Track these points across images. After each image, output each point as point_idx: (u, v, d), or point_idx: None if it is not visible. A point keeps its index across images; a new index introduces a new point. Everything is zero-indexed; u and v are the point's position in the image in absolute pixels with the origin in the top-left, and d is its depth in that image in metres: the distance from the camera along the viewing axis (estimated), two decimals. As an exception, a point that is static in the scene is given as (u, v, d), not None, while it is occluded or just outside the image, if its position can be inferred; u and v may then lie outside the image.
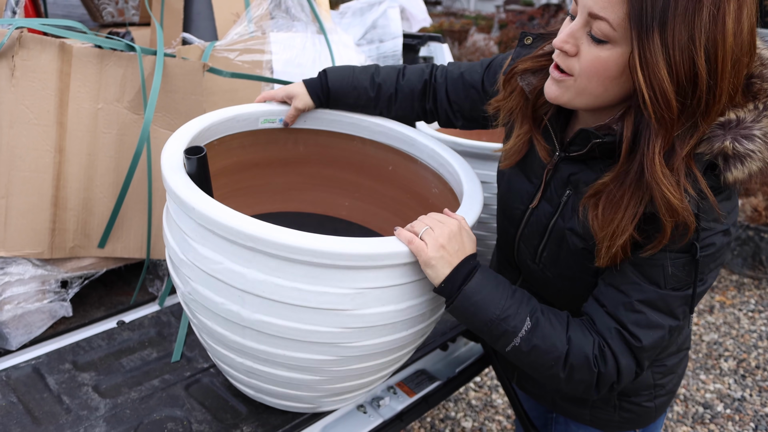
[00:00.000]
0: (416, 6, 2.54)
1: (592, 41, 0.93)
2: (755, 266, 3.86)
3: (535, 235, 1.17)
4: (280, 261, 1.03)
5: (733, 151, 0.92)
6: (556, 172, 1.12)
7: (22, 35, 1.53)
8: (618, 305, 1.02)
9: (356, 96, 1.42)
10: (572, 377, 1.04)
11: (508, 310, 1.03)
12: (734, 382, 2.99)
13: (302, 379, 1.19)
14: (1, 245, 1.56)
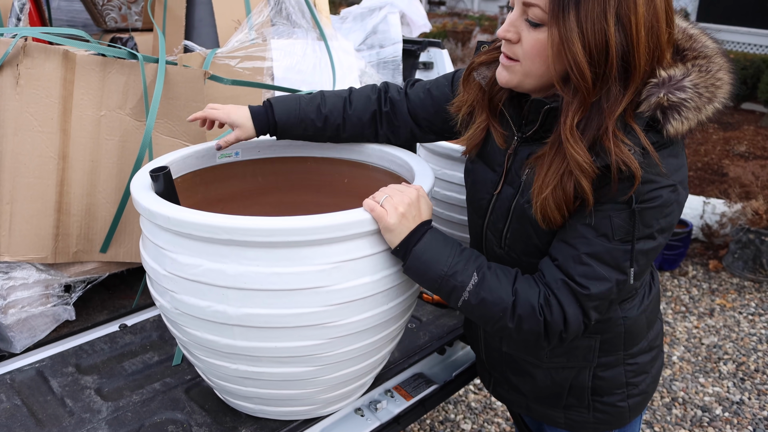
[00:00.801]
0: (416, 11, 2.56)
1: (530, 26, 1.04)
2: (756, 269, 3.87)
3: (499, 219, 1.22)
4: (256, 249, 1.10)
5: (668, 102, 1.02)
6: (516, 156, 1.19)
7: (26, 44, 1.56)
8: (567, 258, 1.08)
9: (303, 128, 1.41)
10: (521, 327, 1.10)
11: (456, 266, 1.11)
12: (733, 385, 3.00)
13: (297, 373, 1.22)
14: (6, 250, 1.59)
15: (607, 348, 1.25)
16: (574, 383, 1.28)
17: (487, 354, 1.41)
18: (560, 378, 1.28)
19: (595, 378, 1.27)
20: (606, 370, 1.27)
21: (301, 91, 1.97)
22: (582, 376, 1.27)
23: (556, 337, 1.11)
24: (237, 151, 1.55)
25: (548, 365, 1.28)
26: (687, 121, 1.02)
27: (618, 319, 1.23)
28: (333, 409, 1.42)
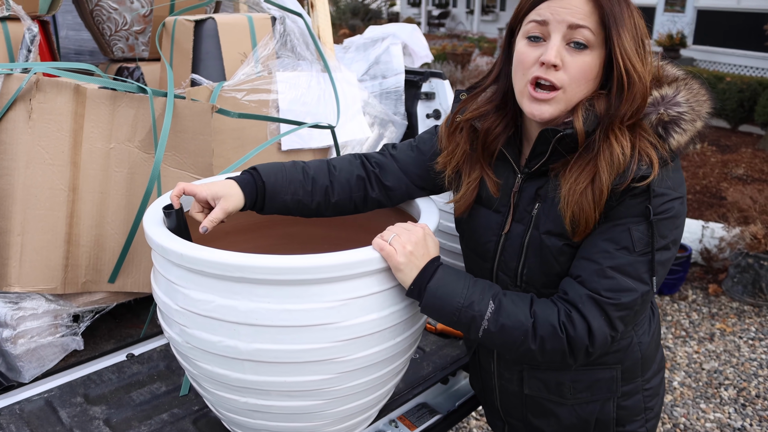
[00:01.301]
0: (418, 42, 2.61)
1: (574, 50, 1.08)
2: (755, 293, 3.89)
3: (512, 258, 1.23)
4: (267, 286, 1.12)
5: (668, 117, 1.10)
6: (522, 193, 1.22)
7: (39, 80, 1.60)
8: (591, 273, 1.11)
9: (293, 191, 1.31)
10: (544, 348, 1.11)
11: (472, 296, 1.13)
12: (734, 411, 3.01)
13: (306, 406, 1.24)
14: (16, 281, 1.61)
15: (628, 376, 1.28)
16: (599, 416, 1.29)
17: (503, 400, 1.40)
18: (585, 413, 1.29)
19: (619, 408, 1.29)
20: (627, 399, 1.29)
21: (305, 123, 2.01)
22: (607, 407, 1.29)
23: (583, 353, 1.12)
24: None
25: (573, 401, 1.29)
26: (685, 132, 1.10)
27: (635, 346, 1.26)
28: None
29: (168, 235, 1.21)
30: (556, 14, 1.07)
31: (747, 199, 4.00)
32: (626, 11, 1.07)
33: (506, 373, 1.35)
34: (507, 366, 1.34)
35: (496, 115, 1.22)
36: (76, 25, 2.72)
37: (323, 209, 1.36)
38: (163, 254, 1.20)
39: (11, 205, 1.60)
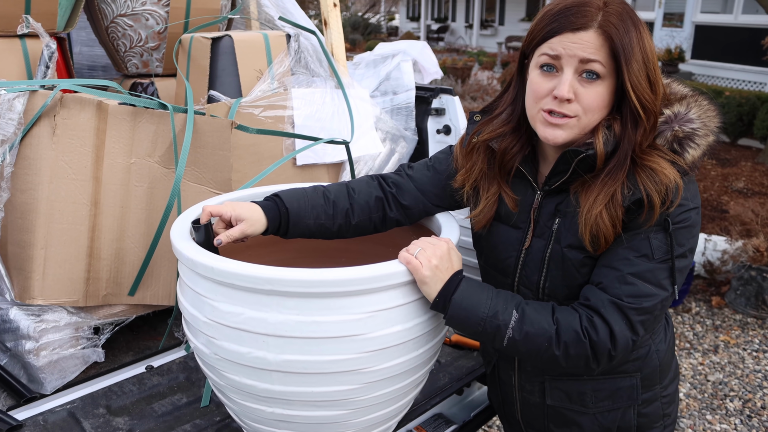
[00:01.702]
0: (428, 59, 2.65)
1: (586, 81, 1.12)
2: (758, 306, 3.92)
3: (533, 273, 1.26)
4: (297, 299, 1.15)
5: (682, 133, 1.15)
6: (542, 209, 1.25)
7: (63, 96, 1.63)
8: (612, 280, 1.14)
9: (316, 215, 1.35)
10: (568, 353, 1.14)
11: (496, 307, 1.16)
12: (740, 422, 3.03)
13: (331, 416, 1.27)
14: (40, 294, 1.64)
15: (647, 384, 1.30)
16: (621, 424, 1.31)
17: (524, 413, 1.42)
18: (608, 421, 1.31)
19: (639, 416, 1.32)
20: (647, 406, 1.32)
21: (321, 139, 2.04)
22: (628, 415, 1.31)
23: (605, 357, 1.14)
24: None
25: (595, 410, 1.31)
26: (699, 147, 1.15)
27: (653, 354, 1.29)
28: None
29: (197, 248, 1.24)
30: (568, 49, 1.11)
31: (749, 213, 4.04)
32: (635, 37, 1.11)
33: (527, 385, 1.37)
34: (528, 378, 1.37)
35: (512, 136, 1.26)
36: (90, 41, 2.76)
37: (344, 231, 1.40)
38: (192, 267, 1.23)
39: (35, 219, 1.63)
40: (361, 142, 2.24)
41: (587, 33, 1.10)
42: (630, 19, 1.12)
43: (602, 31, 1.09)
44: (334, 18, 2.31)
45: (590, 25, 1.10)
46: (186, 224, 1.36)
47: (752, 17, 10.24)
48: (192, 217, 1.37)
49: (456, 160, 1.37)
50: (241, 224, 1.28)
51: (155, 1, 2.35)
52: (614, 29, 1.09)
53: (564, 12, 1.12)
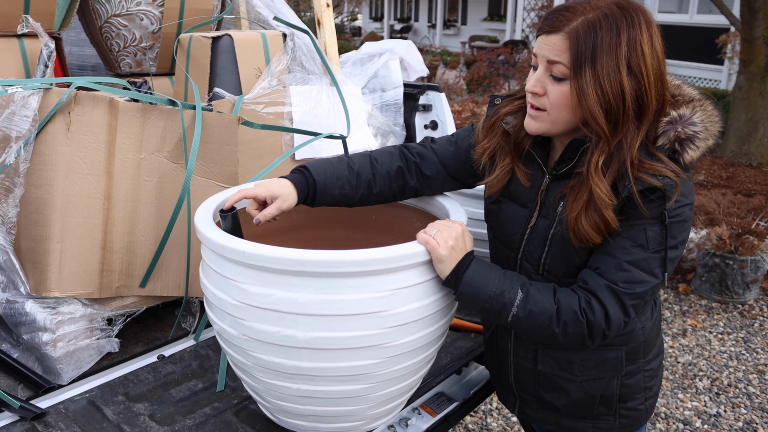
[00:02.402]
0: (414, 57, 2.75)
1: (554, 81, 1.22)
2: (722, 291, 4.13)
3: (536, 249, 1.37)
4: (326, 279, 1.24)
5: (684, 135, 1.23)
6: (549, 192, 1.36)
7: (77, 94, 1.68)
8: (609, 266, 1.25)
9: (340, 186, 1.45)
10: (566, 331, 1.25)
11: (503, 286, 1.27)
12: (709, 399, 3.21)
13: (354, 390, 1.36)
14: (56, 286, 1.69)
15: (631, 357, 1.42)
16: (604, 393, 1.44)
17: (517, 377, 1.54)
18: (592, 389, 1.43)
19: (622, 386, 1.44)
20: (630, 378, 1.44)
21: (320, 134, 2.13)
22: (611, 385, 1.43)
23: (600, 336, 1.26)
24: None
25: (581, 378, 1.43)
26: (698, 149, 1.24)
27: (639, 330, 1.41)
28: (376, 425, 1.55)
29: (225, 234, 1.32)
30: (540, 50, 1.23)
31: (712, 203, 4.24)
32: (609, 41, 1.15)
33: (522, 352, 1.49)
34: (523, 345, 1.48)
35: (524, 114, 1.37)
36: (80, 41, 2.78)
37: (365, 200, 1.51)
38: (221, 252, 1.30)
39: (51, 213, 1.68)
40: (355, 137, 2.33)
41: (555, 37, 1.20)
42: (612, 25, 1.16)
43: (568, 36, 1.18)
44: (327, 18, 2.40)
45: (559, 30, 1.19)
46: (208, 212, 1.42)
47: (707, 17, 10.62)
48: (214, 205, 1.44)
49: (477, 136, 1.48)
50: (276, 202, 1.37)
51: (150, 1, 2.40)
52: (579, 35, 1.16)
53: (549, 15, 1.23)
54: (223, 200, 1.53)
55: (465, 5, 21.08)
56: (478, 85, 9.15)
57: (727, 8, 6.96)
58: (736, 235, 4.01)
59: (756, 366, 3.51)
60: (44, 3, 2.16)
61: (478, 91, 9.68)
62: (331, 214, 1.79)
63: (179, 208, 1.80)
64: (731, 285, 4.07)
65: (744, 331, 3.86)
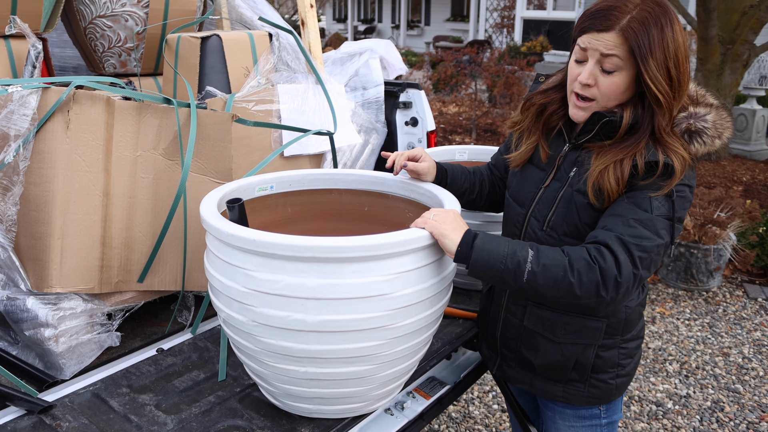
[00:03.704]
0: (393, 56, 2.83)
1: (604, 73, 1.39)
2: (687, 279, 4.30)
3: (545, 207, 1.53)
4: (334, 264, 1.30)
5: (694, 128, 1.40)
6: (565, 158, 1.53)
7: (75, 93, 1.71)
8: (617, 223, 1.36)
9: (463, 180, 1.78)
10: (582, 280, 1.31)
11: (514, 247, 1.36)
12: (679, 382, 3.36)
13: (359, 371, 1.43)
14: (57, 282, 1.72)
15: (610, 331, 1.54)
16: (580, 359, 1.55)
17: (503, 332, 1.68)
18: (569, 353, 1.55)
19: (596, 357, 1.55)
20: (605, 351, 1.56)
21: (310, 130, 2.19)
22: (587, 353, 1.55)
23: (613, 284, 1.31)
24: (272, 185, 1.74)
25: (561, 340, 1.55)
26: (704, 145, 1.40)
27: (622, 308, 1.52)
28: (377, 406, 1.62)
29: (234, 225, 1.37)
30: (592, 45, 1.38)
31: (676, 195, 4.40)
32: (657, 37, 1.34)
33: (512, 307, 1.63)
34: (515, 301, 1.62)
35: (560, 102, 1.56)
36: (61, 42, 2.79)
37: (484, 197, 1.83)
38: (231, 242, 1.35)
39: (51, 210, 1.71)
40: (340, 133, 2.39)
41: (609, 34, 1.35)
42: (657, 22, 1.34)
43: (622, 33, 1.34)
44: (311, 18, 2.45)
45: (613, 27, 1.35)
46: (213, 204, 1.48)
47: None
48: (218, 197, 1.49)
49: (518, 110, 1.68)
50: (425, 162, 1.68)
51: (134, 3, 2.43)
52: (633, 33, 1.33)
53: (596, 14, 1.38)
54: (226, 193, 1.58)
55: (428, 6, 21.26)
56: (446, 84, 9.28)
57: (683, 8, 7.20)
58: (699, 225, 4.19)
59: (721, 349, 3.68)
60: (31, 4, 2.17)
61: (445, 91, 9.80)
62: (323, 207, 1.85)
63: (176, 203, 1.84)
64: (696, 273, 4.25)
65: (709, 317, 4.03)
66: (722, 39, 7.04)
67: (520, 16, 14.63)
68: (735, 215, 4.32)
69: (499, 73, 8.66)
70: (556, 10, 13.86)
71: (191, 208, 1.92)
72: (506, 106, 8.83)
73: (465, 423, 3.06)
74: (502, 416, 3.09)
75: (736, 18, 7.02)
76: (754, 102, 7.94)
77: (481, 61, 8.80)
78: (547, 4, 14.02)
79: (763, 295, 4.29)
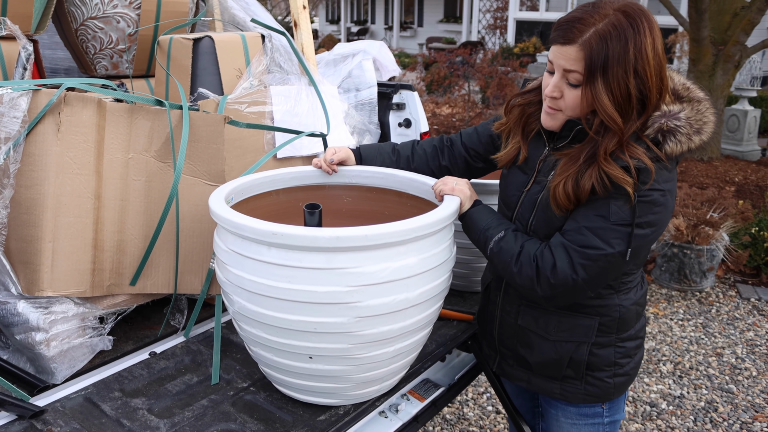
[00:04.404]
0: (386, 57, 2.83)
1: (570, 87, 1.39)
2: (681, 280, 4.31)
3: (527, 210, 1.55)
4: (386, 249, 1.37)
5: (666, 127, 1.37)
6: (545, 162, 1.54)
7: (66, 95, 1.70)
8: (570, 229, 1.42)
9: (381, 160, 1.85)
10: (521, 271, 1.46)
11: (491, 224, 1.55)
12: (673, 382, 3.36)
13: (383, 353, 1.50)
14: (49, 286, 1.70)
15: (604, 330, 1.55)
16: (574, 356, 1.57)
17: (500, 331, 1.71)
18: (563, 350, 1.57)
19: (591, 354, 1.56)
20: (600, 349, 1.56)
21: (303, 132, 2.18)
22: (581, 350, 1.56)
23: (546, 282, 1.43)
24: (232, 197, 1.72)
25: (554, 338, 1.57)
26: (680, 144, 1.37)
27: (615, 306, 1.53)
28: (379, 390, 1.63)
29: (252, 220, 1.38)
30: (556, 59, 1.39)
31: (669, 195, 4.42)
32: (617, 51, 1.30)
33: (507, 306, 1.67)
34: (510, 300, 1.66)
35: (537, 105, 1.57)
36: (52, 44, 2.77)
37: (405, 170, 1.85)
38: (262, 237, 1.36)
39: (42, 213, 1.69)
40: (333, 135, 2.39)
41: (571, 48, 1.34)
42: (621, 35, 1.30)
43: (581, 48, 1.33)
44: (303, 19, 2.45)
45: (574, 41, 1.33)
46: (221, 198, 1.52)
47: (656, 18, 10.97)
48: (225, 194, 1.55)
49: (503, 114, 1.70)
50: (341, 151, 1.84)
51: (126, 4, 2.42)
52: (589, 48, 1.31)
53: (561, 26, 1.37)
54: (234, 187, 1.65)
55: (421, 7, 21.29)
56: (439, 86, 9.28)
57: (675, 9, 7.23)
58: (692, 226, 4.20)
59: (714, 349, 3.69)
60: (21, 5, 2.16)
61: (438, 92, 9.81)
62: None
63: (169, 206, 1.83)
64: (689, 274, 4.26)
65: (702, 317, 4.04)
66: (714, 40, 7.08)
67: (513, 17, 14.66)
68: (727, 216, 4.33)
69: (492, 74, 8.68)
70: (548, 11, 13.89)
71: (184, 210, 1.91)
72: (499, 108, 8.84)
73: (460, 425, 3.05)
74: (497, 418, 3.09)
75: (727, 19, 7.06)
76: (745, 103, 7.97)
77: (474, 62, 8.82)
78: (540, 5, 14.06)
79: (756, 296, 4.31)
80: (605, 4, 1.35)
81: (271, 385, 1.69)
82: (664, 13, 9.44)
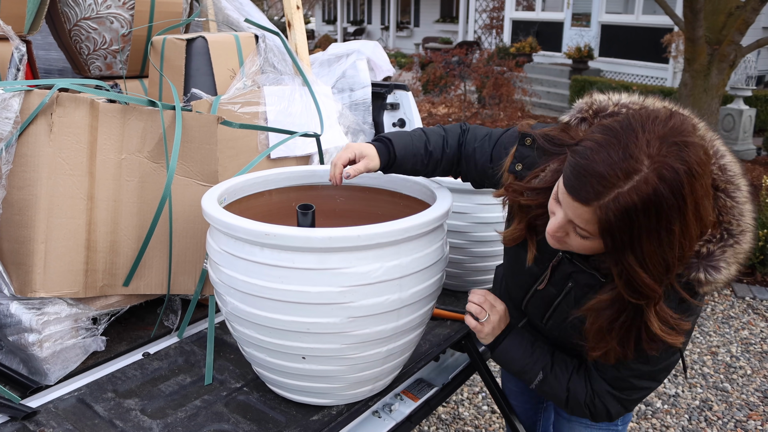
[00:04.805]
0: (380, 57, 2.83)
1: (577, 234, 1.15)
2: (675, 278, 4.31)
3: (540, 307, 1.47)
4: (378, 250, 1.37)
5: (705, 280, 1.16)
6: (560, 265, 1.36)
7: (59, 95, 1.70)
8: (614, 378, 1.35)
9: (413, 162, 1.55)
10: (574, 412, 1.46)
11: (526, 366, 1.47)
12: (668, 381, 3.37)
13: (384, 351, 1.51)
14: (42, 287, 1.70)
15: None
16: None
17: None
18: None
19: None
20: None
21: (296, 132, 2.18)
22: None
23: (603, 421, 1.45)
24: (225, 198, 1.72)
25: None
26: (716, 283, 1.16)
27: None
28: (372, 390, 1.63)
29: (245, 220, 1.38)
30: (566, 207, 1.13)
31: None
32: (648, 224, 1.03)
33: None
34: None
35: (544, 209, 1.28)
36: (46, 44, 2.77)
37: (430, 175, 1.62)
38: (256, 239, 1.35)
39: (35, 214, 1.69)
40: (327, 135, 2.39)
41: (584, 208, 1.08)
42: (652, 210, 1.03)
43: (597, 211, 1.06)
44: (297, 19, 2.45)
45: (589, 202, 1.06)
46: (213, 199, 1.52)
47: (652, 17, 11.01)
48: (218, 195, 1.54)
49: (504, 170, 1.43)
50: (363, 160, 1.50)
51: (120, 4, 2.41)
52: (608, 220, 1.05)
53: (579, 175, 1.08)
54: (227, 188, 1.64)
55: (417, 7, 21.28)
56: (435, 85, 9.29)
57: (670, 9, 7.25)
58: (687, 225, 4.20)
59: (709, 348, 3.70)
60: (14, 6, 2.15)
61: (434, 92, 9.81)
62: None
63: (162, 206, 1.83)
64: (684, 272, 4.26)
65: (697, 316, 4.05)
66: (709, 40, 7.09)
67: (509, 17, 14.67)
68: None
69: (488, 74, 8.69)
70: (545, 11, 13.90)
71: (177, 210, 1.91)
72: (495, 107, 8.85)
73: (455, 424, 3.06)
74: (492, 417, 3.09)
75: (722, 19, 7.07)
76: (741, 102, 8.00)
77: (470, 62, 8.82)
78: (536, 5, 14.07)
79: (751, 294, 4.32)
80: (639, 150, 1.03)
81: (265, 386, 1.69)
82: (660, 13, 9.47)
